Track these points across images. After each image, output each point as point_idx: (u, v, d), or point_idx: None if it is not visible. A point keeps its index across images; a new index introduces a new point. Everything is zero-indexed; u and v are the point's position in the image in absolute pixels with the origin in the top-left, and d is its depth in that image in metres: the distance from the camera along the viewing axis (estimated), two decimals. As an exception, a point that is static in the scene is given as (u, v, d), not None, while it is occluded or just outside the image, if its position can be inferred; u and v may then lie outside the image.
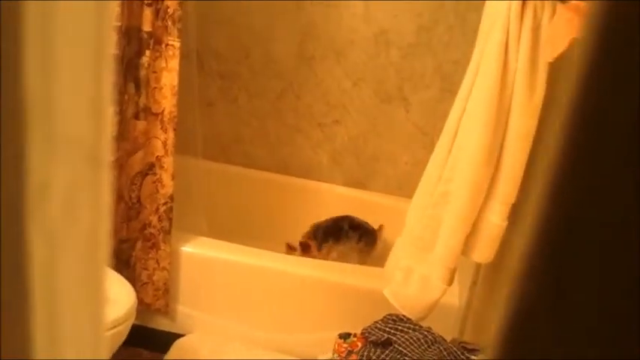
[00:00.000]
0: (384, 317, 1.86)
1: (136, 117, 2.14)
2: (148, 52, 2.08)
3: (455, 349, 1.71)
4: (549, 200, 0.29)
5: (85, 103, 0.33)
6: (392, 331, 1.78)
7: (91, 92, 0.33)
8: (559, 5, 1.45)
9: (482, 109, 1.59)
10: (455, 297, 2.14)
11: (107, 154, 0.35)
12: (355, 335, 1.87)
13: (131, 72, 2.10)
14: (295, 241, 2.57)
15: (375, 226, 2.51)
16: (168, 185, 2.20)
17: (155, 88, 2.13)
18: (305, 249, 2.45)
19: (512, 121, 1.60)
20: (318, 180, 2.88)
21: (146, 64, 2.09)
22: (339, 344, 1.87)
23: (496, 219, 1.67)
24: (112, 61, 0.35)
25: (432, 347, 1.72)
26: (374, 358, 1.72)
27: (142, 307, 2.25)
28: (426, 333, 1.76)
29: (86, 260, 0.36)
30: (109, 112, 0.35)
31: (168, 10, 2.07)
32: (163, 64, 2.11)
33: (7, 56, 0.30)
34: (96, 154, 0.34)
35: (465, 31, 2.58)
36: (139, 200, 2.22)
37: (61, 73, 0.32)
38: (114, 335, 1.78)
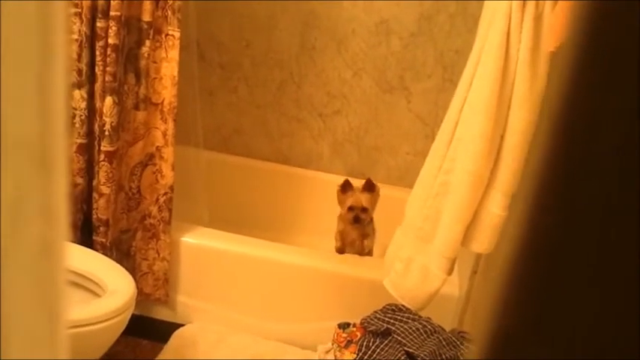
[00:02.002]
0: (384, 307, 1.86)
1: (136, 107, 2.14)
2: (147, 43, 2.07)
3: (454, 338, 1.71)
4: (536, 203, 0.28)
5: (32, 103, 0.31)
6: (391, 321, 1.78)
7: (36, 90, 0.31)
8: (560, -6, 1.44)
9: (484, 99, 1.59)
10: (455, 287, 2.14)
11: (60, 156, 0.33)
12: (354, 325, 1.87)
13: (131, 62, 2.09)
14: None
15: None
16: (168, 176, 2.20)
17: (155, 78, 2.13)
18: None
19: (513, 111, 1.59)
20: (319, 170, 2.88)
21: (146, 55, 2.08)
22: (338, 334, 1.87)
23: (496, 209, 1.66)
24: (63, 54, 0.33)
25: (432, 337, 1.72)
26: (373, 347, 1.73)
27: (142, 297, 2.25)
28: (425, 323, 1.76)
29: (36, 270, 0.35)
30: (61, 111, 0.33)
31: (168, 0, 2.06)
32: (163, 55, 2.10)
33: None
34: (45, 156, 0.33)
35: (467, 20, 2.56)
36: (139, 191, 2.22)
37: (2, 68, 0.30)
38: (114, 325, 1.78)
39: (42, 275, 0.35)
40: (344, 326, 1.89)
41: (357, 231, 2.34)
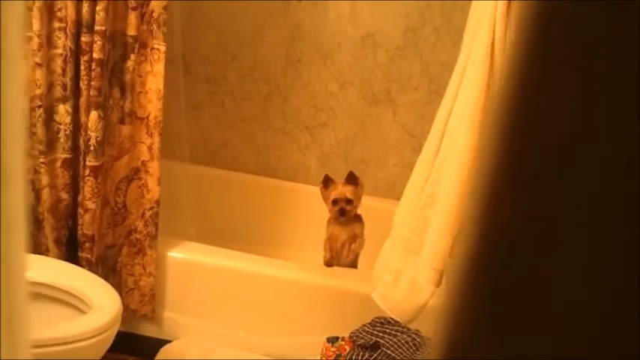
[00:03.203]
0: (372, 320, 1.85)
1: (122, 121, 2.13)
2: (133, 57, 2.07)
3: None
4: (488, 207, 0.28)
5: None
6: (380, 334, 1.77)
7: None
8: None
9: (469, 111, 1.59)
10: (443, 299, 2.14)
11: (17, 170, 0.33)
12: (343, 339, 1.86)
13: (116, 76, 2.08)
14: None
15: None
16: (154, 190, 2.19)
17: (140, 92, 2.12)
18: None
19: (498, 122, 1.59)
20: (306, 183, 2.87)
21: (131, 69, 2.08)
22: (327, 348, 1.86)
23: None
24: (19, 72, 0.32)
25: (420, 350, 1.71)
26: (362, 361, 1.72)
27: (128, 313, 2.23)
28: (414, 336, 1.76)
29: None
30: (19, 128, 0.33)
31: (153, 13, 2.05)
32: (149, 68, 2.10)
33: None
34: (2, 171, 0.32)
35: (452, 33, 2.57)
36: (124, 205, 2.20)
37: None
38: (99, 342, 1.76)
39: (4, 290, 0.34)
40: (333, 340, 1.88)
41: (346, 232, 2.33)
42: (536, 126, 0.27)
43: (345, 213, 2.29)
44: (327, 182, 2.33)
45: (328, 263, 2.37)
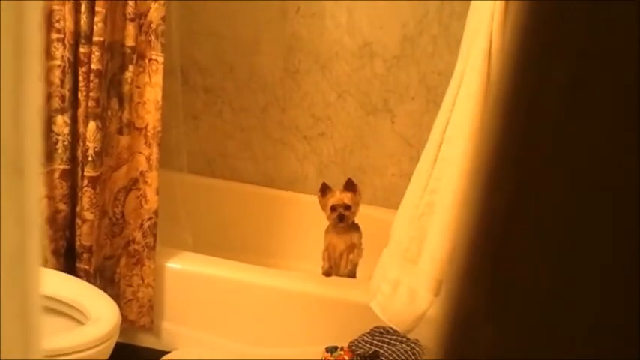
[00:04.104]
0: (371, 330, 1.84)
1: (120, 132, 2.13)
2: (131, 67, 2.07)
3: None
4: (485, 199, 0.30)
5: (8, 116, 0.32)
6: (379, 343, 1.76)
7: (12, 101, 0.32)
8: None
9: (467, 119, 1.59)
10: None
11: (34, 164, 0.34)
12: (342, 348, 1.85)
13: (114, 87, 2.09)
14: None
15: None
16: (152, 200, 2.18)
17: (139, 103, 2.12)
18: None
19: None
20: (304, 193, 2.87)
21: (129, 79, 2.08)
22: (326, 357, 1.86)
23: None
24: (37, 67, 0.34)
25: (420, 359, 1.70)
26: (362, 371, 1.71)
27: (127, 324, 2.22)
28: (413, 345, 1.75)
29: (10, 279, 0.35)
30: (36, 122, 0.34)
31: (152, 24, 2.06)
32: (147, 79, 2.10)
33: None
34: (20, 164, 0.33)
35: (449, 42, 2.58)
36: (122, 216, 2.20)
37: None
38: (98, 353, 1.75)
39: (17, 280, 0.35)
40: (332, 350, 1.88)
41: (344, 242, 2.33)
42: (530, 119, 0.29)
43: (344, 219, 2.29)
44: (324, 190, 2.33)
45: (327, 273, 2.36)
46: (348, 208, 2.28)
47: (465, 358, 0.32)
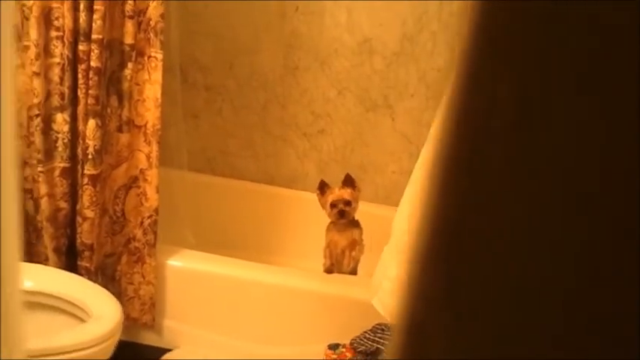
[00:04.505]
0: (373, 327, 1.84)
1: (119, 130, 2.12)
2: (130, 65, 2.07)
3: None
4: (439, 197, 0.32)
5: None
6: (381, 340, 1.76)
7: None
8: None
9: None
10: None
11: (8, 153, 0.35)
12: (344, 346, 1.85)
13: (114, 85, 2.08)
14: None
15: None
16: (152, 198, 2.18)
17: (138, 100, 2.12)
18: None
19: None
20: (305, 190, 2.87)
21: (129, 77, 2.08)
22: (328, 355, 1.86)
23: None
24: (11, 63, 0.34)
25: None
26: (363, 368, 1.71)
27: (129, 322, 2.22)
28: (415, 342, 1.75)
29: None
30: (8, 112, 0.34)
31: (150, 22, 2.06)
32: (146, 77, 2.10)
33: None
34: None
35: (448, 39, 2.58)
36: (123, 214, 2.20)
37: None
38: (100, 351, 1.75)
39: None
40: (334, 347, 1.88)
41: (345, 239, 2.32)
42: (478, 129, 0.31)
43: (344, 214, 2.28)
44: (323, 188, 2.33)
45: (328, 270, 2.36)
46: (348, 203, 2.28)
47: (423, 345, 0.34)
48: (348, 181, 2.30)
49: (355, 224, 2.34)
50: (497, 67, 0.30)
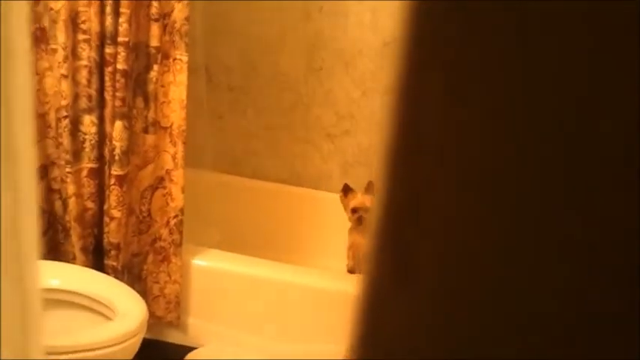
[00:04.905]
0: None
1: (146, 131, 2.16)
2: (156, 67, 2.10)
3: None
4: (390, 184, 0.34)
5: None
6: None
7: (1, 94, 0.34)
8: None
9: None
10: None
11: (25, 149, 0.36)
12: (366, 345, 1.85)
13: (140, 87, 2.12)
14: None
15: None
16: (178, 198, 2.21)
17: (164, 102, 2.15)
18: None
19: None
20: (329, 191, 2.87)
21: (154, 79, 2.11)
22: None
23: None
24: (25, 58, 0.35)
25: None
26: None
27: (154, 320, 2.25)
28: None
29: (6, 249, 0.37)
30: (26, 109, 0.36)
31: (176, 24, 2.08)
32: (171, 79, 2.13)
33: None
34: (11, 148, 0.35)
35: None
36: (149, 214, 2.23)
37: None
38: (125, 348, 1.78)
39: (10, 252, 0.37)
40: (356, 346, 1.88)
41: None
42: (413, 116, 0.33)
43: (363, 222, 2.30)
44: (346, 191, 2.34)
45: (351, 271, 2.37)
46: (368, 211, 2.29)
47: (378, 322, 0.36)
48: (372, 188, 2.30)
49: None
50: (428, 56, 0.32)
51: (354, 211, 2.30)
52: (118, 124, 2.06)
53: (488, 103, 0.30)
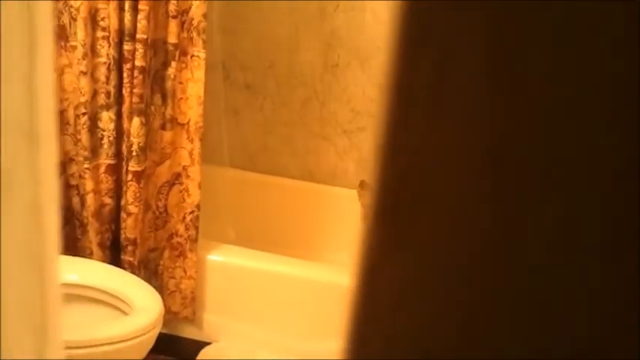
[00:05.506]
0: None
1: (163, 127, 2.17)
2: (173, 64, 2.11)
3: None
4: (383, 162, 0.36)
5: (20, 86, 0.36)
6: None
7: (24, 75, 0.36)
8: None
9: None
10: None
11: (47, 133, 0.38)
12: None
13: (158, 83, 2.13)
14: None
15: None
16: (194, 194, 2.22)
17: (181, 98, 2.16)
18: None
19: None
20: (345, 187, 2.88)
21: (172, 76, 2.12)
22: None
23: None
24: (49, 45, 0.37)
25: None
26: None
27: (170, 315, 2.27)
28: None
29: (29, 228, 0.38)
30: (48, 95, 0.37)
31: (193, 21, 2.09)
32: (189, 75, 2.14)
33: None
34: (33, 131, 0.37)
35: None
36: (166, 209, 2.25)
37: None
38: (141, 343, 1.80)
39: (35, 232, 0.38)
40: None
41: None
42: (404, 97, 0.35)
43: None
44: (363, 185, 2.34)
45: (366, 267, 2.38)
46: None
47: (371, 295, 0.38)
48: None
49: None
50: (419, 42, 0.34)
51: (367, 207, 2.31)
52: (136, 120, 2.07)
53: (480, 88, 0.32)
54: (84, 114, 2.07)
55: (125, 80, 2.06)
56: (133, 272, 2.13)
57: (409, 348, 0.36)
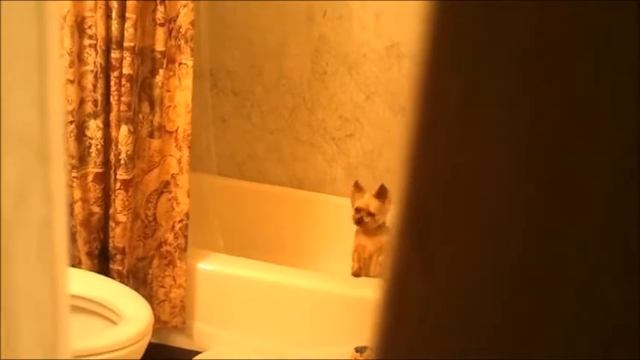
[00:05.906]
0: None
1: (151, 136, 2.16)
2: (161, 72, 2.10)
3: None
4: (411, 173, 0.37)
5: (31, 103, 0.36)
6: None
7: (35, 92, 0.36)
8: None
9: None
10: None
11: (57, 149, 0.38)
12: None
13: (145, 91, 2.12)
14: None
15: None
16: (183, 203, 2.21)
17: (169, 106, 2.15)
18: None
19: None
20: (333, 194, 2.88)
21: (160, 84, 2.11)
22: (355, 357, 1.86)
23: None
24: (57, 62, 0.37)
25: None
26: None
27: (159, 324, 2.25)
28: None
29: (40, 246, 0.39)
30: (58, 111, 0.37)
31: (181, 29, 2.09)
32: (177, 83, 2.13)
33: None
34: (45, 149, 0.37)
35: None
36: (154, 218, 2.24)
37: (5, 74, 0.34)
38: (131, 353, 1.78)
39: (45, 250, 0.38)
40: (361, 350, 1.89)
41: (373, 244, 2.33)
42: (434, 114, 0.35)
43: (361, 223, 2.30)
44: (357, 187, 2.35)
45: (356, 274, 2.37)
46: (371, 214, 2.30)
47: (399, 311, 0.38)
48: (381, 193, 2.30)
49: (385, 230, 2.35)
50: (449, 59, 0.34)
51: (357, 210, 2.30)
52: (124, 128, 2.06)
53: (509, 101, 0.32)
54: (71, 122, 2.06)
55: (112, 88, 2.06)
56: (122, 281, 2.12)
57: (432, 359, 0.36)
